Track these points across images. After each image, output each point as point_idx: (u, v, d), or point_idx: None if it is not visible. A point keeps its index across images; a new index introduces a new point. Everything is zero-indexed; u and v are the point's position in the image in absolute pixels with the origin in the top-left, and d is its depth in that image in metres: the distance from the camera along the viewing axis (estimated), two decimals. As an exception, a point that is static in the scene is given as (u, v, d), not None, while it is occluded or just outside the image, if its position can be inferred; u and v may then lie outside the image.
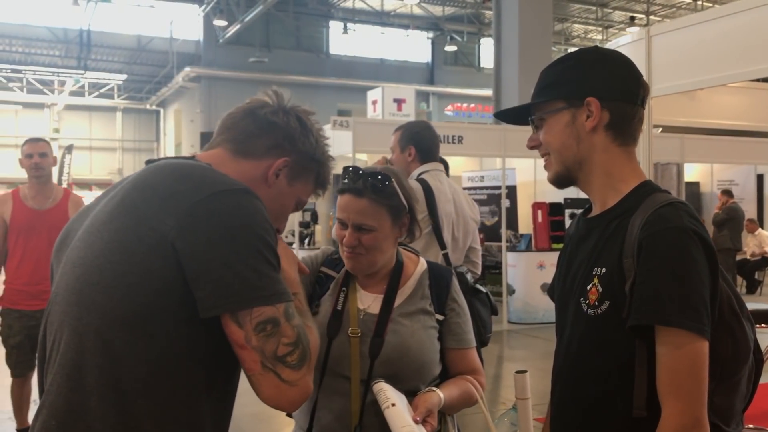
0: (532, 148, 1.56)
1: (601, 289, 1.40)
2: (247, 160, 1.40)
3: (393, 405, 1.58)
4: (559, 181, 1.53)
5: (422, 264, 1.95)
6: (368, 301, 1.84)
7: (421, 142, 3.48)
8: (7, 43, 22.53)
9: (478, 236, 3.68)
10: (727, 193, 11.59)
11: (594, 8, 23.78)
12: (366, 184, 1.79)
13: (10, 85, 23.84)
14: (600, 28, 25.99)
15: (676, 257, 1.31)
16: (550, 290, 1.74)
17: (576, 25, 26.19)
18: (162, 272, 1.15)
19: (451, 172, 7.10)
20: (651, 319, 1.30)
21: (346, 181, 1.82)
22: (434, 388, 1.76)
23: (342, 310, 1.81)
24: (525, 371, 1.84)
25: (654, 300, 1.30)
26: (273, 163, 1.40)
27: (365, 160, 10.56)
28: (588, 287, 1.43)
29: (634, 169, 1.50)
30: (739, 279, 11.59)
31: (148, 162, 1.36)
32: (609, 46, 4.37)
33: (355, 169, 1.84)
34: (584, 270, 1.46)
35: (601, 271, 1.41)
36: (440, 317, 1.88)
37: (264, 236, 1.20)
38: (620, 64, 1.52)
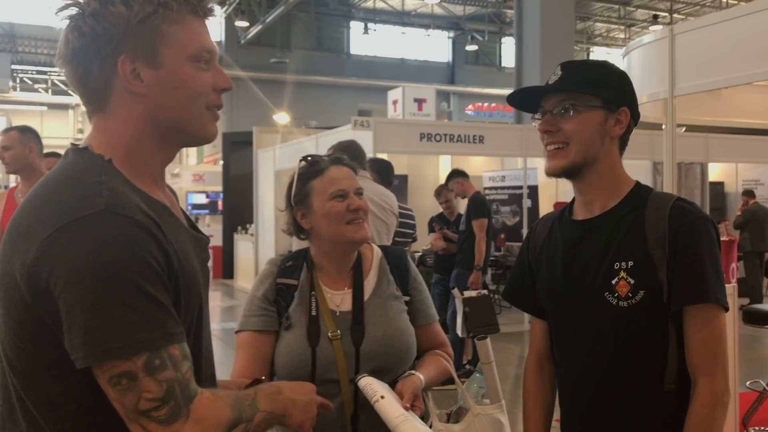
0: (545, 131, 1.58)
1: (632, 281, 1.50)
2: (104, 109, 1.13)
3: (382, 397, 1.58)
4: (569, 171, 1.58)
5: (376, 250, 1.96)
6: (338, 300, 1.82)
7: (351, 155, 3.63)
8: (33, 45, 22.85)
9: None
10: (748, 193, 11.41)
11: (617, 7, 23.58)
12: (339, 156, 1.87)
13: (35, 86, 24.17)
14: (623, 27, 25.78)
15: (710, 243, 1.50)
16: (519, 296, 1.82)
17: (598, 24, 26.00)
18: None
19: (472, 171, 7.11)
20: (701, 299, 1.47)
21: (322, 160, 1.87)
22: (413, 371, 1.77)
23: (317, 314, 1.78)
24: (486, 337, 1.91)
25: (701, 282, 1.47)
26: (117, 77, 1.09)
27: (387, 160, 10.58)
28: (614, 282, 1.52)
29: (625, 173, 1.65)
30: (767, 281, 11.41)
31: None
32: (632, 44, 4.33)
33: (316, 155, 1.91)
34: (601, 267, 1.55)
35: (627, 265, 1.51)
36: (407, 298, 1.90)
37: (121, 271, 0.97)
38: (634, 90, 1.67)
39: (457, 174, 6.76)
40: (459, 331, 6.01)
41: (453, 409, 1.84)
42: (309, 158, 1.87)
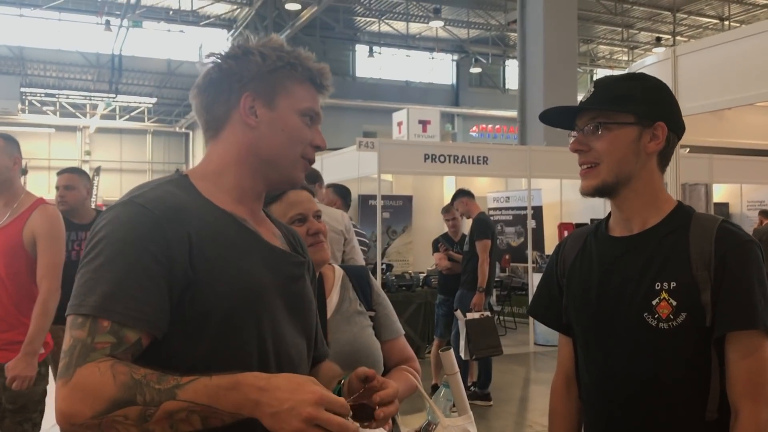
0: (576, 150, 1.56)
1: (675, 303, 1.46)
2: (218, 135, 1.34)
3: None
4: (602, 190, 1.55)
5: (338, 269, 1.98)
6: None
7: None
8: (42, 68, 23.06)
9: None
10: (764, 213, 11.33)
11: (619, 29, 23.73)
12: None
13: (44, 108, 24.36)
14: (626, 49, 25.91)
15: (758, 267, 1.46)
16: (545, 311, 1.76)
17: (602, 46, 26.15)
18: None
19: (477, 192, 7.13)
20: (748, 325, 1.41)
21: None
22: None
23: None
24: (449, 348, 1.88)
25: (749, 307, 1.42)
26: (239, 110, 1.31)
27: (390, 180, 10.62)
28: (654, 302, 1.47)
29: (665, 191, 1.61)
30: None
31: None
32: (634, 66, 4.38)
33: None
34: (640, 286, 1.50)
35: (669, 286, 1.47)
36: (372, 313, 1.91)
37: (109, 245, 1.14)
38: (675, 100, 1.62)
39: (462, 194, 6.78)
40: (462, 353, 6.02)
41: (422, 425, 1.83)
42: None
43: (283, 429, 1.03)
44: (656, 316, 1.47)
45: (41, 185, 23.89)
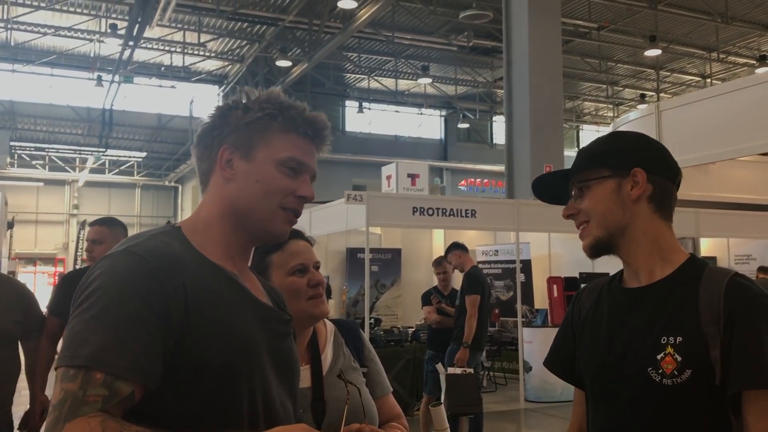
0: (568, 216, 1.58)
1: (680, 358, 1.41)
2: (206, 189, 1.35)
3: None
4: (598, 247, 1.54)
5: (329, 324, 1.94)
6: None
7: None
8: (32, 123, 23.18)
9: None
10: (763, 269, 11.37)
11: (605, 86, 24.22)
12: (298, 230, 1.81)
13: (33, 162, 24.39)
14: (611, 106, 26.39)
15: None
16: (560, 363, 1.73)
17: (587, 103, 26.63)
18: None
19: (466, 245, 7.11)
20: (761, 384, 1.35)
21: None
22: None
23: None
24: (440, 403, 1.88)
25: (761, 364, 1.35)
26: (217, 163, 1.31)
27: (379, 233, 10.62)
28: (659, 357, 1.43)
29: (677, 242, 1.58)
30: None
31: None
32: (618, 121, 4.44)
33: None
34: (646, 340, 1.47)
35: (675, 340, 1.42)
36: (364, 369, 1.88)
37: (102, 296, 1.12)
38: (662, 146, 1.63)
39: (456, 247, 6.77)
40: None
41: None
42: None
43: None
44: (660, 372, 1.43)
45: (28, 239, 23.76)
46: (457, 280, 7.46)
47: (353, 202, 7.98)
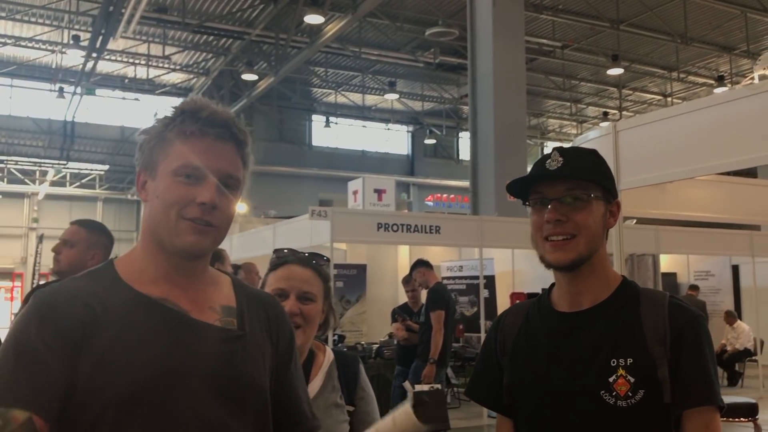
0: (554, 220, 1.50)
1: (633, 380, 1.43)
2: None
3: None
4: (577, 264, 1.51)
5: (329, 353, 1.90)
6: None
7: None
8: (-10, 134, 22.73)
9: None
10: (693, 287, 11.70)
11: (568, 104, 24.58)
12: (310, 258, 1.78)
13: (-9, 174, 23.87)
14: (575, 123, 26.78)
15: (709, 342, 1.48)
16: (484, 392, 1.69)
17: (551, 120, 26.99)
18: None
19: (431, 260, 7.13)
20: (706, 401, 1.42)
21: (284, 253, 1.82)
22: None
23: None
24: None
25: (706, 382, 1.43)
26: (137, 188, 1.33)
27: (345, 249, 10.59)
28: (611, 379, 1.44)
29: (611, 266, 1.61)
30: (721, 371, 11.49)
31: None
32: (578, 140, 4.50)
33: (292, 249, 1.87)
34: (594, 363, 1.47)
35: (626, 362, 1.44)
36: (350, 408, 1.83)
37: (12, 336, 1.17)
38: None
39: (420, 264, 6.78)
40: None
41: None
42: (285, 250, 1.86)
43: None
44: (614, 394, 1.43)
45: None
46: (423, 296, 7.46)
47: (317, 218, 7.95)
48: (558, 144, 28.48)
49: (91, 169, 24.89)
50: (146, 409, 1.16)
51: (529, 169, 1.66)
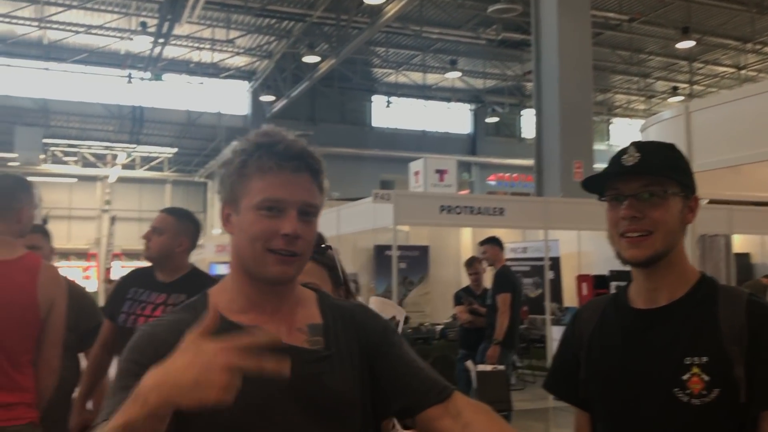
0: (630, 217, 1.50)
1: (707, 378, 1.42)
2: None
3: None
4: (653, 260, 1.51)
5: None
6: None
7: None
8: (65, 120, 23.56)
9: None
10: None
11: (636, 79, 23.86)
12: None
13: (66, 159, 24.79)
14: (643, 98, 26.01)
15: None
16: (561, 385, 1.71)
17: (619, 96, 26.28)
18: None
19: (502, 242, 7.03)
20: None
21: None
22: None
23: None
24: None
25: None
26: (222, 221, 1.40)
27: (407, 230, 10.61)
28: (685, 377, 1.44)
29: (689, 262, 1.60)
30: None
31: None
32: (649, 120, 4.37)
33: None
34: (669, 361, 1.47)
35: (701, 360, 1.44)
36: None
37: (120, 362, 1.29)
38: None
39: (492, 241, 6.73)
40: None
41: None
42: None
43: (206, 394, 0.99)
44: (688, 392, 1.43)
45: (61, 234, 24.17)
46: (487, 275, 7.44)
47: (380, 201, 7.98)
48: (625, 120, 27.75)
49: (160, 153, 25.60)
50: None
51: (595, 147, 1.64)
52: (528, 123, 26.66)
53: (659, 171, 1.50)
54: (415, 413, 1.35)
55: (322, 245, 1.87)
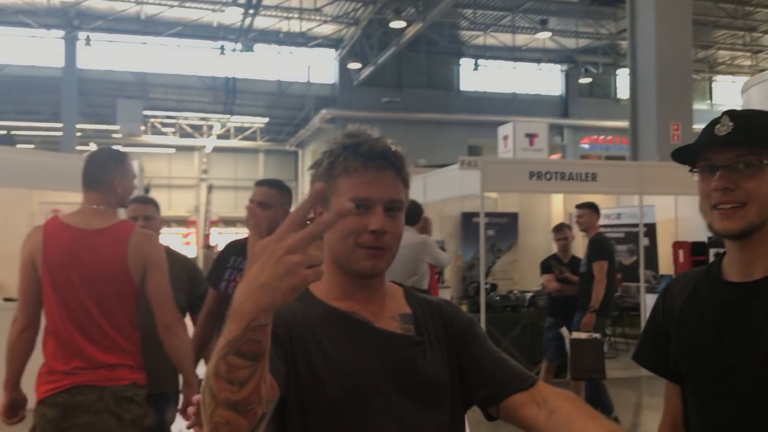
0: (723, 189, 1.45)
1: None
2: None
3: None
4: (747, 232, 1.46)
5: None
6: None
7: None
8: (163, 92, 24.46)
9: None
10: None
11: (741, 33, 22.46)
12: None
13: (164, 130, 25.80)
14: (749, 54, 24.49)
15: None
16: (652, 357, 1.69)
17: (722, 51, 24.83)
18: None
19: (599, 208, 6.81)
20: None
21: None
22: None
23: None
24: None
25: None
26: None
27: (495, 197, 10.48)
28: None
29: None
30: None
31: None
32: (751, 80, 4.11)
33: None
34: (762, 336, 1.44)
35: None
36: None
37: None
38: None
39: (589, 206, 6.52)
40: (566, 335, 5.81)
41: None
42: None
43: (292, 281, 0.97)
44: None
45: (162, 203, 25.23)
46: (578, 242, 7.28)
47: (467, 167, 7.89)
48: (729, 78, 26.25)
49: (252, 123, 26.25)
50: (346, 412, 1.30)
51: (696, 107, 1.57)
52: (623, 83, 25.63)
53: (754, 140, 1.43)
54: (499, 401, 1.40)
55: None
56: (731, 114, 1.48)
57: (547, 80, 26.80)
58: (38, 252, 2.83)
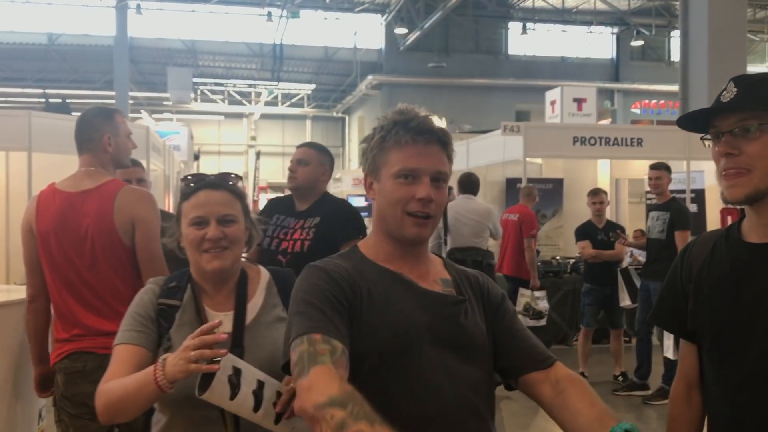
0: (725, 154, 1.47)
1: None
2: None
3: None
4: (753, 198, 1.48)
5: (264, 272, 1.92)
6: (221, 321, 1.71)
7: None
8: (211, 59, 24.74)
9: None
10: None
11: (804, -10, 21.51)
12: (221, 179, 1.84)
13: (214, 97, 26.14)
14: (812, 12, 23.44)
15: None
16: (669, 317, 1.72)
17: (782, 11, 23.82)
18: None
19: (632, 174, 6.82)
20: None
21: (193, 184, 1.84)
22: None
23: None
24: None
25: None
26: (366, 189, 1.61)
27: (540, 163, 10.43)
28: None
29: None
30: None
31: None
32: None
33: (199, 174, 1.91)
34: None
35: None
36: None
37: (301, 294, 1.50)
38: None
39: (664, 167, 6.25)
40: (670, 354, 5.68)
41: None
42: (188, 177, 1.88)
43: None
44: None
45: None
46: (620, 211, 7.21)
47: (509, 133, 7.88)
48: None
49: (299, 89, 26.38)
50: (397, 358, 1.45)
51: (751, 69, 1.58)
52: (677, 45, 24.88)
53: (757, 104, 1.44)
54: (518, 375, 1.58)
55: (233, 175, 1.91)
56: (736, 80, 1.49)
57: (597, 43, 26.15)
58: (33, 221, 2.74)
